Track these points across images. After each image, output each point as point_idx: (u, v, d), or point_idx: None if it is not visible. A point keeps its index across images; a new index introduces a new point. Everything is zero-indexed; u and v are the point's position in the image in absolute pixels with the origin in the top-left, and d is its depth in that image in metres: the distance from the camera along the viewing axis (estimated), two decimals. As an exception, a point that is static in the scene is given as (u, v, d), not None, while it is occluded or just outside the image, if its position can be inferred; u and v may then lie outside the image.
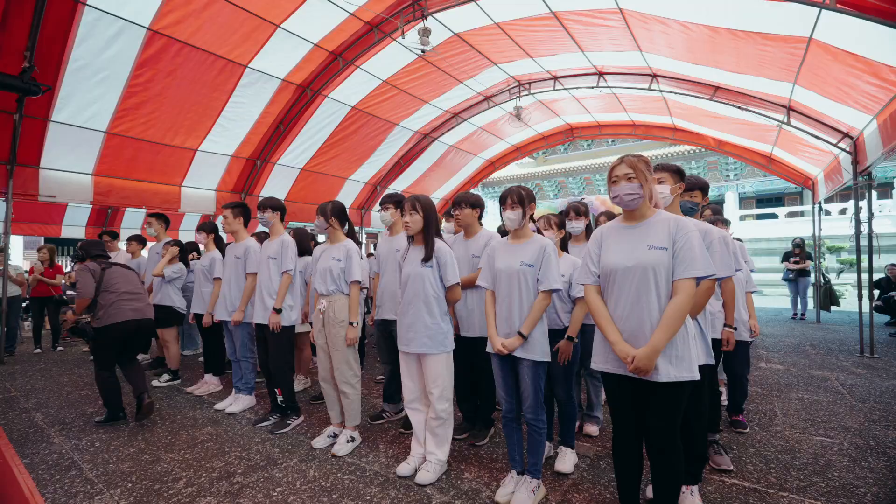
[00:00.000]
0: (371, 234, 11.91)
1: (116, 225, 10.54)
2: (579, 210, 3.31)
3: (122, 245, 8.98)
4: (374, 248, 4.16)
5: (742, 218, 18.89)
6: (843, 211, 16.57)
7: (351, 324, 2.99)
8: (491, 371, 3.15)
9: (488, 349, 2.44)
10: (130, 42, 5.01)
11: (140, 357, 5.58)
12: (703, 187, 2.75)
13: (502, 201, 2.40)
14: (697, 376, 1.85)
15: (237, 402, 3.82)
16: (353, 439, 3.05)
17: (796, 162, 7.81)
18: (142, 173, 6.65)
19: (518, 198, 2.34)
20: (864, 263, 5.83)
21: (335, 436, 3.13)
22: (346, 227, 3.20)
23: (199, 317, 4.42)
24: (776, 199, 22.56)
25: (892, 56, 3.66)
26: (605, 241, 2.06)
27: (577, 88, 7.75)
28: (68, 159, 5.94)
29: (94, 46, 4.88)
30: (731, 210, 18.77)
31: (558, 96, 8.53)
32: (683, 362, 1.83)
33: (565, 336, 2.64)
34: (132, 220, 10.88)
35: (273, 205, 3.55)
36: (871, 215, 5.52)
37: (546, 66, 7.38)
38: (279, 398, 3.43)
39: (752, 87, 5.82)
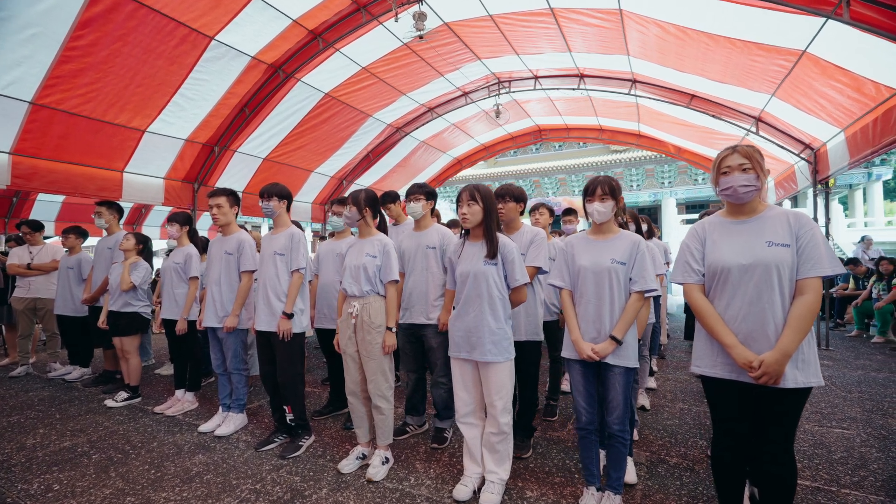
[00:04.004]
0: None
1: (24, 215, 9.05)
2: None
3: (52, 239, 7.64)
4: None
5: (682, 223, 20.31)
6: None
7: (388, 329, 2.63)
8: (534, 377, 2.98)
9: (569, 355, 2.21)
10: (72, -6, 4.17)
11: (80, 371, 4.68)
12: (758, 186, 2.74)
13: (590, 192, 2.17)
14: (822, 381, 1.76)
15: (227, 423, 3.27)
16: (387, 460, 2.68)
17: (748, 170, 8.41)
18: (75, 155, 5.59)
19: (609, 188, 2.14)
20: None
21: (364, 457, 2.74)
22: (378, 219, 2.83)
23: (168, 323, 3.75)
24: (701, 206, 24.71)
25: (881, 72, 3.97)
26: (710, 237, 1.92)
27: (556, 90, 7.77)
28: (-22, 133, 4.85)
29: (24, -5, 3.99)
30: (670, 215, 20.07)
31: (533, 96, 8.52)
32: (810, 367, 1.73)
33: (630, 338, 2.49)
34: (44, 211, 9.35)
35: (280, 192, 3.06)
36: (828, 220, 6.05)
37: (529, 65, 7.31)
38: (289, 416, 2.96)
39: (729, 96, 6.13)
